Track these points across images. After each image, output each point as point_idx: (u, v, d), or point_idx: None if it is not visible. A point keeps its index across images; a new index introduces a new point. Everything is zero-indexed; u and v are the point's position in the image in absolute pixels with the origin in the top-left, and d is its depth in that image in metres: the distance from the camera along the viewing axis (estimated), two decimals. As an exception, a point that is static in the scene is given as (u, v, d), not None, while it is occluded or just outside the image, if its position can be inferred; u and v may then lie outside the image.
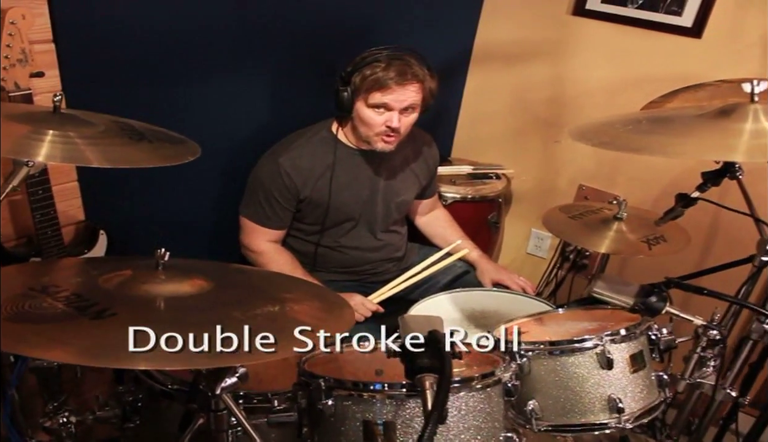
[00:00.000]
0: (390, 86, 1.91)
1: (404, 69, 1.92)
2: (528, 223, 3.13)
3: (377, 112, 1.96)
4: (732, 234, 2.51)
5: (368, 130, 2.01)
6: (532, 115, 2.98)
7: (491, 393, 1.29)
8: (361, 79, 1.93)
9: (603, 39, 2.69)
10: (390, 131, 1.99)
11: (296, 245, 2.25)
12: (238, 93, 2.22)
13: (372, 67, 1.91)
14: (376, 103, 1.94)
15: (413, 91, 1.95)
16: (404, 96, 1.94)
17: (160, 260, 1.19)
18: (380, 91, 1.92)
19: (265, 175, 2.08)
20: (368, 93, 1.93)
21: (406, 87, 1.93)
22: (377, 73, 1.90)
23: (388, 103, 1.94)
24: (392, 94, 1.93)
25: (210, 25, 2.03)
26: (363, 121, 2.00)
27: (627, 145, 1.31)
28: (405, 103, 1.96)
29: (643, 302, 1.43)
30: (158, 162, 1.27)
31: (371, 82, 1.91)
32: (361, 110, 1.98)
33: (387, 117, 1.97)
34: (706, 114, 1.32)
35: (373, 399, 1.24)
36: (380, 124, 1.98)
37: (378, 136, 2.01)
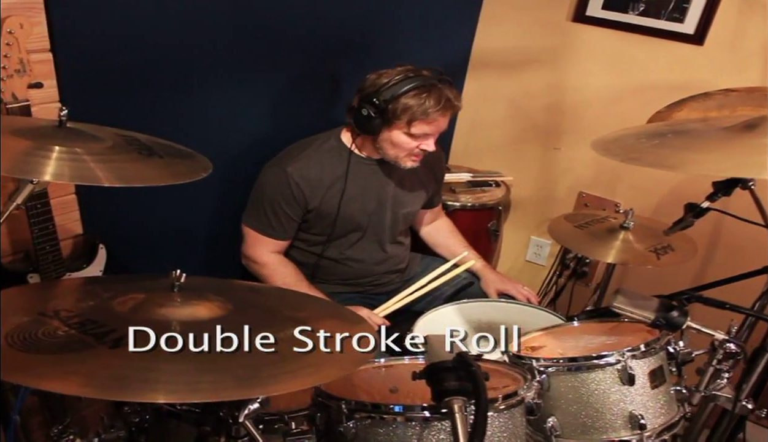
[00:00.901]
0: (435, 118, 1.92)
1: (446, 99, 1.92)
2: (527, 230, 3.11)
3: (414, 138, 1.96)
4: (734, 244, 2.51)
5: (400, 152, 2.00)
6: (531, 123, 2.96)
7: (515, 412, 1.27)
8: (403, 109, 1.89)
9: (603, 46, 2.67)
10: (422, 153, 2.01)
11: (297, 256, 2.21)
12: (238, 102, 2.17)
13: (413, 97, 1.89)
14: (418, 133, 1.94)
15: (448, 118, 1.98)
16: (444, 124, 1.97)
17: (176, 282, 1.15)
18: (425, 123, 1.92)
19: (272, 184, 2.04)
20: (411, 123, 1.92)
21: (446, 116, 1.95)
22: (423, 105, 1.89)
23: (431, 132, 1.96)
24: (435, 125, 1.94)
25: (210, 34, 1.99)
26: (396, 144, 1.98)
27: (658, 162, 1.28)
28: (442, 129, 1.99)
29: (664, 316, 1.40)
30: (171, 180, 1.22)
31: (417, 114, 1.90)
32: (398, 137, 1.96)
33: (423, 142, 1.98)
34: (731, 128, 1.29)
35: (396, 422, 1.20)
36: (414, 146, 1.98)
37: (408, 156, 2.01)
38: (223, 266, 2.35)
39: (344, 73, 2.39)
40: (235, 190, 2.18)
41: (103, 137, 1.28)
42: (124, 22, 1.79)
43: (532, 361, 1.44)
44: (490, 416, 1.21)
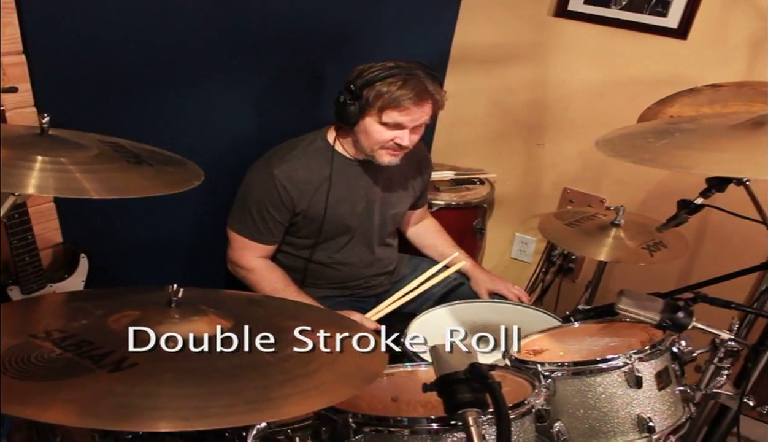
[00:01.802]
0: (407, 106, 1.85)
1: (421, 88, 1.85)
2: (511, 227, 3.08)
3: (388, 128, 1.90)
4: (722, 239, 2.51)
5: (374, 144, 1.93)
6: (514, 119, 2.93)
7: (525, 421, 1.24)
8: (376, 95, 1.84)
9: (586, 41, 2.65)
10: (397, 147, 1.94)
11: (285, 260, 2.15)
12: (221, 103, 2.11)
13: (388, 84, 1.83)
14: (390, 121, 1.87)
15: (427, 111, 1.90)
16: (419, 115, 1.89)
17: (173, 297, 1.09)
18: (397, 110, 1.85)
19: (258, 187, 1.98)
20: (383, 110, 1.86)
21: (422, 107, 1.87)
22: (394, 92, 1.83)
23: (403, 122, 1.88)
24: (408, 114, 1.87)
25: (192, 34, 1.93)
26: (370, 135, 1.92)
27: (672, 163, 1.24)
28: (418, 122, 1.90)
29: (670, 317, 1.38)
30: (165, 189, 1.16)
31: (387, 101, 1.84)
32: (371, 125, 1.90)
33: (397, 134, 1.91)
34: (740, 125, 1.26)
35: (406, 435, 1.17)
36: (388, 139, 1.91)
37: (384, 150, 1.95)
38: (209, 273, 2.29)
39: (326, 72, 2.34)
40: (220, 193, 2.11)
41: (87, 145, 1.21)
42: (102, 22, 1.72)
43: (537, 365, 1.41)
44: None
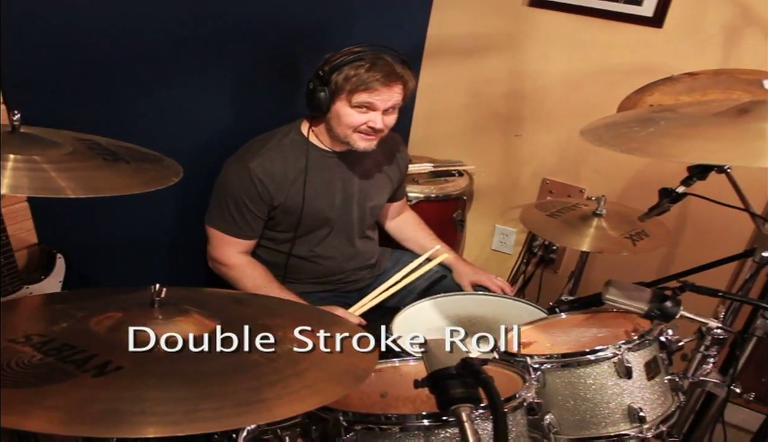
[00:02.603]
0: (376, 87, 1.84)
1: (389, 69, 1.85)
2: (492, 219, 3.08)
3: (360, 112, 1.89)
4: (702, 227, 2.52)
5: (347, 128, 1.92)
6: (491, 110, 2.92)
7: (517, 414, 1.23)
8: (344, 78, 1.84)
9: (561, 30, 2.64)
10: (371, 131, 1.92)
11: (266, 255, 2.13)
12: (194, 98, 2.06)
13: (355, 67, 1.83)
14: (360, 102, 1.86)
15: (397, 92, 1.89)
16: (389, 96, 1.88)
17: (156, 297, 1.06)
18: (366, 92, 1.85)
19: (235, 181, 1.95)
20: (352, 93, 1.85)
21: (391, 88, 1.87)
22: (361, 74, 1.83)
23: (374, 103, 1.87)
24: (378, 95, 1.86)
25: (164, 29, 1.88)
26: (342, 120, 1.91)
27: (659, 152, 1.23)
28: (389, 103, 1.89)
29: (658, 307, 1.38)
30: (143, 187, 1.12)
31: (356, 83, 1.83)
32: (342, 110, 1.89)
33: (369, 117, 1.90)
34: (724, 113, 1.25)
35: (397, 432, 1.15)
36: (361, 123, 1.90)
37: (357, 134, 1.93)
38: (190, 271, 2.25)
39: (299, 65, 2.31)
40: (198, 189, 2.08)
41: (61, 143, 1.17)
42: (73, 18, 1.67)
43: (526, 358, 1.40)
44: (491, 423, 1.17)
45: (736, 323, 1.70)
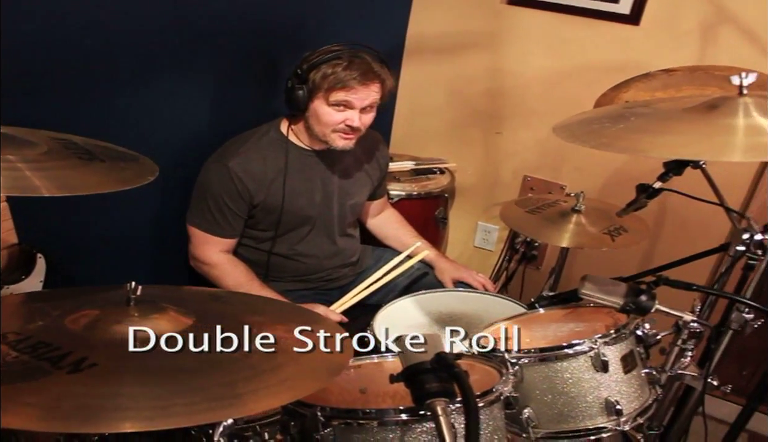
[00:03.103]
0: (353, 86, 1.85)
1: (366, 68, 1.86)
2: (474, 216, 3.09)
3: (337, 110, 1.90)
4: (681, 222, 2.55)
5: (325, 127, 1.93)
6: (471, 108, 2.93)
7: (494, 408, 1.24)
8: (322, 77, 1.85)
9: (540, 28, 2.66)
10: (349, 129, 1.93)
11: (247, 254, 2.13)
12: (174, 98, 2.06)
13: (333, 66, 1.84)
14: (338, 101, 1.87)
15: (375, 91, 1.90)
16: (366, 95, 1.89)
17: (131, 295, 1.06)
18: (343, 91, 1.85)
19: (215, 181, 1.95)
20: (329, 92, 1.86)
21: (368, 86, 1.88)
22: (338, 73, 1.83)
23: (351, 101, 1.88)
24: (355, 94, 1.87)
25: (141, 26, 1.87)
26: (320, 119, 1.92)
27: (629, 147, 1.25)
28: (366, 101, 1.90)
29: (633, 301, 1.40)
30: (118, 186, 1.13)
31: (333, 81, 1.84)
32: (320, 108, 1.90)
33: (347, 116, 1.91)
34: (693, 109, 1.28)
35: (374, 426, 1.15)
36: (339, 121, 1.91)
37: (336, 133, 1.94)
38: (171, 270, 2.25)
39: (278, 64, 2.31)
40: (179, 189, 2.08)
41: (36, 142, 1.17)
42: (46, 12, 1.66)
43: (504, 353, 1.41)
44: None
45: (714, 317, 1.72)
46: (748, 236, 1.54)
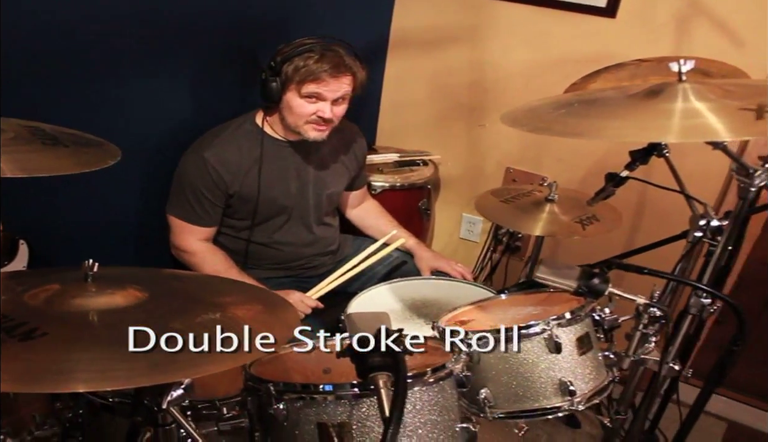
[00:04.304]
0: (324, 78, 1.90)
1: (337, 61, 1.91)
2: (458, 208, 3.12)
3: (309, 101, 1.94)
4: (660, 211, 2.57)
5: (298, 119, 1.97)
6: (454, 101, 2.96)
7: (444, 386, 1.27)
8: (294, 69, 1.89)
9: (519, 21, 2.69)
10: (321, 121, 1.97)
11: (227, 243, 2.17)
12: (153, 89, 2.10)
13: (305, 58, 1.89)
14: (309, 93, 1.92)
15: (346, 83, 1.95)
16: (337, 87, 1.93)
17: (89, 272, 1.11)
18: (314, 83, 1.90)
19: (192, 171, 2.00)
20: (301, 84, 1.91)
21: (339, 79, 1.92)
22: (310, 65, 1.88)
23: (322, 93, 1.93)
24: (326, 86, 1.91)
25: (120, 18, 1.92)
26: (293, 110, 1.96)
27: (564, 131, 1.30)
28: (338, 93, 1.94)
29: (586, 284, 1.43)
30: (77, 168, 1.17)
31: (305, 73, 1.89)
32: (292, 100, 1.94)
33: (319, 107, 1.95)
34: (636, 95, 1.32)
35: (326, 401, 1.20)
36: (311, 113, 1.96)
37: (308, 125, 1.99)
38: (153, 258, 2.29)
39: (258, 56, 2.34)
40: (159, 179, 2.13)
41: (4, 129, 1.22)
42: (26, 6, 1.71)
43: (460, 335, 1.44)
44: (419, 390, 1.22)
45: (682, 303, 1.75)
46: (705, 222, 1.57)
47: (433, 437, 1.22)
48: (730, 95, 1.26)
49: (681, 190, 1.67)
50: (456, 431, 1.27)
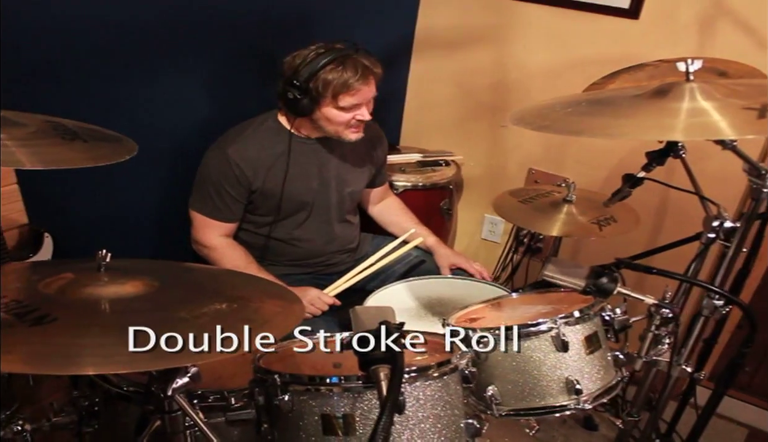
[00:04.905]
0: (357, 88, 1.94)
1: (361, 66, 1.94)
2: (481, 208, 3.13)
3: (346, 111, 1.99)
4: (681, 212, 2.55)
5: (338, 126, 2.03)
6: (478, 101, 2.97)
7: (449, 381, 1.28)
8: (323, 85, 1.93)
9: (543, 22, 2.69)
10: (360, 123, 2.04)
11: (247, 238, 2.21)
12: (178, 87, 2.16)
13: (330, 72, 1.92)
14: (347, 105, 1.97)
15: (373, 84, 2.00)
16: (369, 92, 1.99)
17: (102, 262, 1.15)
18: (349, 94, 1.95)
19: (214, 167, 2.04)
20: (336, 97, 1.95)
21: (369, 83, 1.98)
22: (339, 78, 1.92)
23: (358, 102, 1.98)
24: (360, 94, 1.96)
25: (146, 18, 1.97)
26: (332, 120, 2.01)
27: (567, 128, 1.32)
28: (369, 95, 2.00)
29: (594, 283, 1.43)
30: (92, 162, 1.22)
31: (338, 88, 1.93)
32: (329, 112, 1.99)
33: (356, 113, 2.01)
34: (644, 94, 1.32)
35: (330, 393, 1.22)
36: (350, 119, 2.01)
37: (348, 129, 2.04)
38: (174, 253, 2.34)
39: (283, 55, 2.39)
40: (181, 175, 2.18)
41: (27, 123, 1.28)
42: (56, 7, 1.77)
43: (468, 331, 1.46)
44: (422, 384, 1.23)
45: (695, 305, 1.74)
46: (718, 224, 1.56)
47: (436, 431, 1.23)
48: (736, 95, 1.26)
49: (695, 192, 1.66)
50: (460, 426, 1.28)
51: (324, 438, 1.21)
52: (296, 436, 1.23)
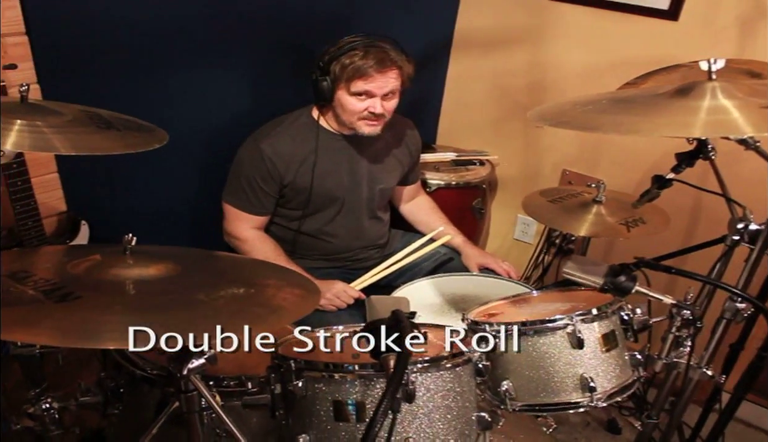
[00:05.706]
0: (371, 74, 1.94)
1: (382, 56, 1.95)
2: (514, 209, 3.13)
3: (359, 99, 2.00)
4: (714, 215, 2.49)
5: (350, 116, 2.04)
6: (514, 101, 2.98)
7: (461, 373, 1.30)
8: (341, 68, 1.95)
9: (580, 23, 2.69)
10: (373, 116, 2.03)
11: (277, 232, 2.26)
12: (216, 81, 2.23)
13: (350, 56, 1.94)
14: (358, 90, 1.97)
15: (393, 78, 1.99)
16: (385, 82, 1.98)
17: (128, 245, 1.20)
18: (362, 79, 1.95)
19: (248, 161, 2.09)
20: (350, 82, 1.96)
21: (386, 74, 1.97)
22: (356, 62, 1.93)
23: (371, 90, 1.98)
24: (374, 82, 1.96)
25: (185, 14, 2.04)
26: (345, 108, 2.02)
27: (584, 125, 1.32)
28: (386, 89, 1.99)
29: (611, 281, 1.43)
30: (123, 149, 1.28)
31: (352, 71, 1.94)
32: (343, 98, 2.01)
33: (369, 103, 2.01)
34: (665, 93, 1.33)
35: (343, 380, 1.25)
36: (362, 109, 2.01)
37: (362, 120, 2.04)
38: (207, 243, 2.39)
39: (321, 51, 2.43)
40: (216, 167, 2.24)
41: (64, 112, 1.34)
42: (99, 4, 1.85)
43: (485, 325, 1.48)
44: (434, 374, 1.25)
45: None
46: (743, 226, 1.55)
47: (446, 422, 1.25)
48: (758, 94, 1.26)
49: (722, 193, 1.65)
50: (471, 418, 1.30)
51: (335, 424, 1.24)
52: (309, 421, 1.26)
